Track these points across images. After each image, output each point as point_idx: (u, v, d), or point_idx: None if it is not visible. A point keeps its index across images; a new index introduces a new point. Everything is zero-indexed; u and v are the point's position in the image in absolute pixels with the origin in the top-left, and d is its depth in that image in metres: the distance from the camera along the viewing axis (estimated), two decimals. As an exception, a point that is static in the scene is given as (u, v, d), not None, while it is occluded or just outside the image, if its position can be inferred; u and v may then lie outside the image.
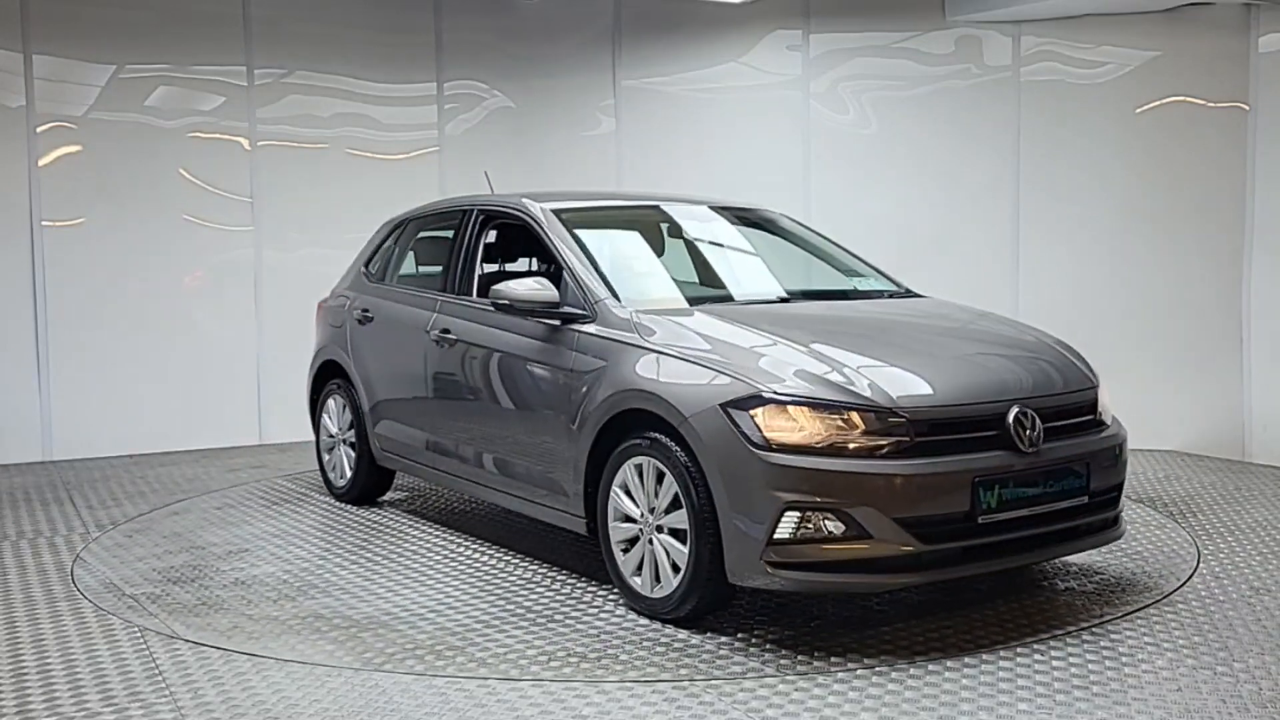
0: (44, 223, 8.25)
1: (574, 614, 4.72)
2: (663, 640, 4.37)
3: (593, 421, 4.83)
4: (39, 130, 8.21)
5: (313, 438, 7.29)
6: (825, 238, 6.26)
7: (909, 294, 5.80)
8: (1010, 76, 8.46)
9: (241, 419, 8.81)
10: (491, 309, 5.53)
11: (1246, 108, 7.70)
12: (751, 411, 4.25)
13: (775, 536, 4.14)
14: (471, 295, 5.89)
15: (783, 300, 5.41)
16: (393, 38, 9.19)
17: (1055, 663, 4.09)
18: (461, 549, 5.77)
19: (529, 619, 4.67)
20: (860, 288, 5.82)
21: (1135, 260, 8.17)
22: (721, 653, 4.24)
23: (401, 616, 4.72)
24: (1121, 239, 8.20)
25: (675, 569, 4.48)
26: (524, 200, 5.83)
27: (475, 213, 6.14)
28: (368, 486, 6.75)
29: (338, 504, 6.83)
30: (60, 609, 4.86)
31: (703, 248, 6.00)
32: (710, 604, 4.49)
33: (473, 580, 5.23)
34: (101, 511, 6.69)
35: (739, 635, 4.41)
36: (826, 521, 4.11)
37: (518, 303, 5.22)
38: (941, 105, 8.67)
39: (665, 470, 4.49)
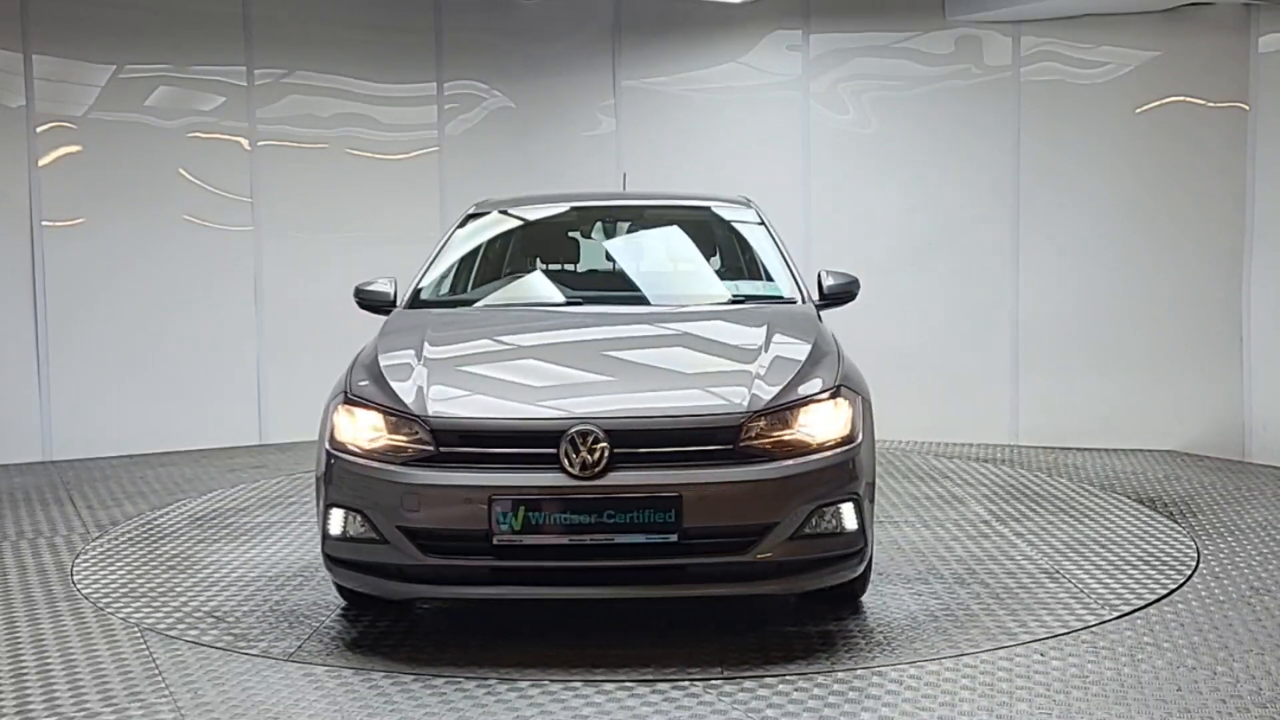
0: (44, 223, 8.24)
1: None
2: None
3: None
4: (39, 130, 8.21)
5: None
6: (768, 237, 5.73)
7: (772, 300, 5.31)
8: (1010, 77, 8.45)
9: (241, 419, 8.81)
10: None
11: (1246, 108, 7.69)
12: (333, 409, 4.42)
13: (329, 532, 4.28)
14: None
15: (573, 303, 5.33)
16: (393, 38, 9.18)
17: (1055, 662, 4.09)
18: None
19: (293, 588, 5.11)
20: (729, 293, 5.47)
21: (1135, 260, 8.17)
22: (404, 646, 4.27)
23: (234, 573, 5.38)
24: (1122, 239, 8.19)
25: None
26: (483, 202, 6.18)
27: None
28: None
29: None
30: (60, 609, 4.86)
31: (598, 250, 6.11)
32: (350, 597, 4.73)
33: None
34: (101, 511, 6.69)
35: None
36: (364, 523, 4.17)
37: (365, 296, 5.43)
38: (941, 105, 8.66)
39: None
